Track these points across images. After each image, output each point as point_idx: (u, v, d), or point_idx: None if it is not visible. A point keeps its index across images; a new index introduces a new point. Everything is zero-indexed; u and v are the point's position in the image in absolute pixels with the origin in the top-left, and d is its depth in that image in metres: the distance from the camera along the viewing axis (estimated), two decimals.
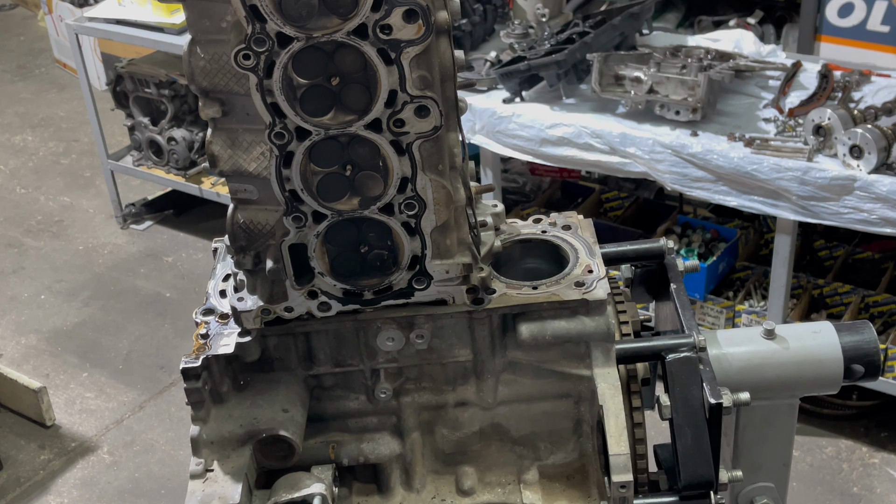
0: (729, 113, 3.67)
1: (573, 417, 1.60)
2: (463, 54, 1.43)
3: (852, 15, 4.41)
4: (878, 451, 3.71)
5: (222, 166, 1.39)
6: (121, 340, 4.63)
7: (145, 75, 5.01)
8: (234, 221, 1.43)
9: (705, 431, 1.48)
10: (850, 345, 1.67)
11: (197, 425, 1.51)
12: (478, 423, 1.62)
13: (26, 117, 6.93)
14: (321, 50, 1.30)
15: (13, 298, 5.00)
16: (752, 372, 1.67)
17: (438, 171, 1.40)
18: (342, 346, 1.56)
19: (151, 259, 5.27)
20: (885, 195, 3.18)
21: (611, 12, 4.13)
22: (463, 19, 4.22)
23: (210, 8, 1.30)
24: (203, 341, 1.52)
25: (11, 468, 3.90)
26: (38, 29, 8.24)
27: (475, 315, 1.52)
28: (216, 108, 1.36)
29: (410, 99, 1.33)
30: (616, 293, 1.70)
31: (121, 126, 5.47)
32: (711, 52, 3.88)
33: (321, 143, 1.36)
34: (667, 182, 3.58)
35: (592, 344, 1.53)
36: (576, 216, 1.73)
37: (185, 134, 5.11)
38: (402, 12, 1.27)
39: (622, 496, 1.43)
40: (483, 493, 1.62)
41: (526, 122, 3.75)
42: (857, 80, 3.81)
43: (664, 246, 1.77)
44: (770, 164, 3.33)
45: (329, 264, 1.45)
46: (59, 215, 5.74)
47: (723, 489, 1.52)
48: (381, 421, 1.62)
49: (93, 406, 4.24)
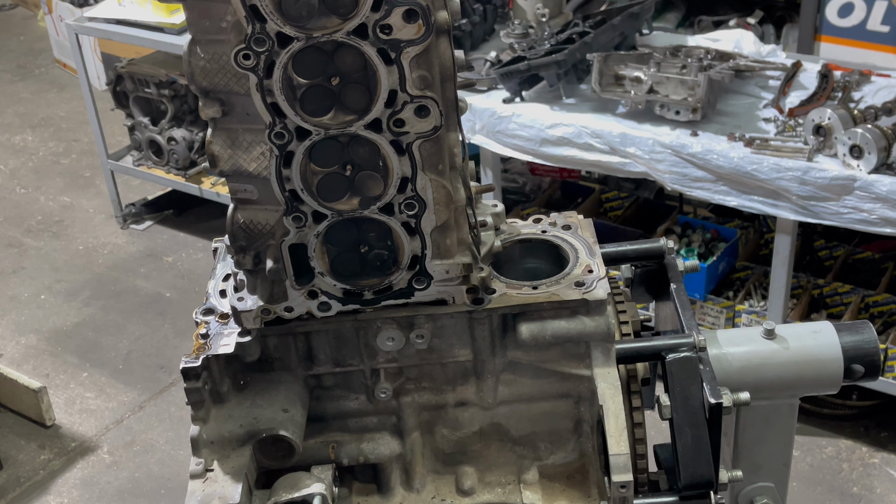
0: (729, 113, 3.67)
1: (573, 417, 1.60)
2: (463, 54, 1.43)
3: (852, 15, 4.41)
4: (878, 451, 3.71)
5: (222, 166, 1.39)
6: (121, 340, 4.63)
7: (145, 75, 5.01)
8: (234, 221, 1.43)
9: (705, 431, 1.48)
10: (850, 345, 1.67)
11: (197, 425, 1.51)
12: (478, 423, 1.62)
13: (26, 117, 6.93)
14: (321, 50, 1.30)
15: (13, 298, 5.00)
16: (752, 372, 1.67)
17: (438, 171, 1.40)
18: (342, 346, 1.56)
19: (151, 259, 5.27)
20: (885, 195, 3.18)
21: (611, 12, 4.13)
22: (463, 19, 4.22)
23: (210, 8, 1.30)
24: (203, 341, 1.52)
25: (11, 468, 3.90)
26: (38, 29, 8.24)
27: (475, 315, 1.52)
28: (216, 108, 1.36)
29: (410, 99, 1.33)
30: (616, 293, 1.70)
31: (121, 126, 5.47)
32: (711, 52, 3.88)
33: (321, 143, 1.36)
34: (667, 182, 3.58)
35: (592, 344, 1.53)
36: (576, 216, 1.73)
37: (185, 134, 5.10)
38: (402, 12, 1.27)
39: (622, 496, 1.43)
40: (483, 493, 1.62)
41: (526, 122, 3.75)
42: (857, 80, 3.81)
43: (664, 246, 1.77)
44: (770, 164, 3.33)
45: (329, 264, 1.45)
46: (59, 215, 5.74)
47: (723, 489, 1.52)
48: (381, 421, 1.62)
49: (93, 406, 4.24)
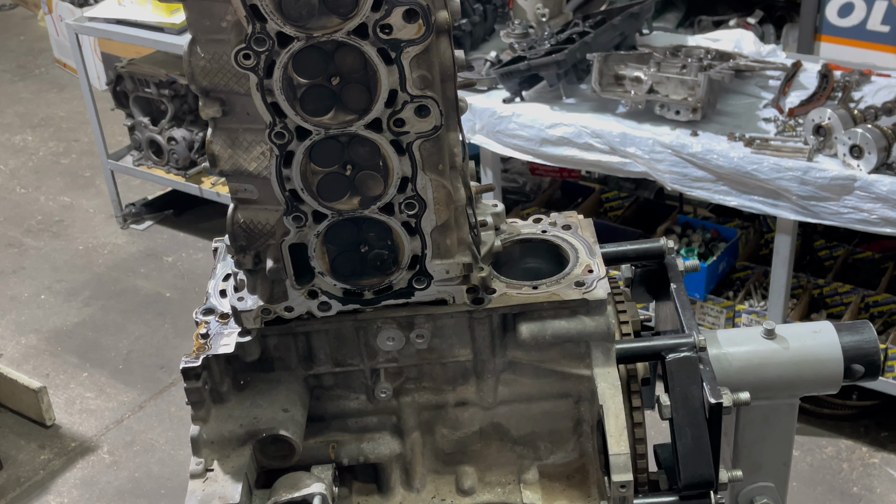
0: (729, 113, 3.67)
1: (573, 417, 1.60)
2: (463, 54, 1.43)
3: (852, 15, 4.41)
4: (878, 451, 3.71)
5: (222, 166, 1.39)
6: (121, 340, 4.63)
7: (145, 75, 5.01)
8: (234, 221, 1.43)
9: (705, 431, 1.48)
10: (850, 345, 1.67)
11: (197, 425, 1.51)
12: (478, 423, 1.62)
13: (26, 117, 6.93)
14: (321, 50, 1.30)
15: (13, 298, 5.00)
16: (752, 372, 1.67)
17: (438, 170, 1.40)
18: (342, 346, 1.56)
19: (151, 259, 5.27)
20: (885, 195, 3.18)
21: (611, 12, 4.13)
22: (463, 19, 4.22)
23: (210, 7, 1.30)
24: (203, 341, 1.52)
25: (11, 468, 3.90)
26: (38, 29, 8.24)
27: (475, 315, 1.52)
28: (216, 107, 1.36)
29: (410, 99, 1.33)
30: (616, 293, 1.70)
31: (121, 126, 5.47)
32: (711, 52, 3.88)
33: (321, 142, 1.36)
34: (667, 182, 3.58)
35: (592, 344, 1.53)
36: (576, 216, 1.73)
37: (185, 134, 5.10)
38: (403, 12, 1.27)
39: (622, 496, 1.43)
40: (483, 493, 1.62)
41: (526, 121, 3.75)
42: (857, 80, 3.81)
43: (664, 246, 1.77)
44: (770, 164, 3.33)
45: (329, 264, 1.45)
46: (59, 215, 5.74)
47: (723, 489, 1.52)
48: (381, 421, 1.62)
49: (93, 406, 4.24)
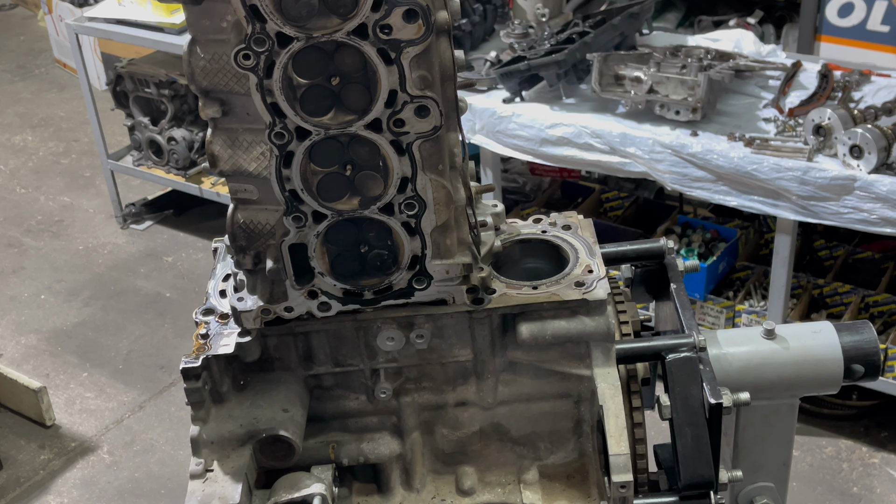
0: (729, 113, 3.67)
1: (573, 417, 1.60)
2: (463, 54, 1.43)
3: (852, 15, 4.41)
4: (878, 451, 3.71)
5: (222, 166, 1.39)
6: (121, 340, 4.63)
7: (145, 75, 5.01)
8: (234, 221, 1.43)
9: (705, 431, 1.48)
10: (850, 345, 1.67)
11: (197, 425, 1.51)
12: (478, 423, 1.62)
13: (26, 117, 6.92)
14: (321, 50, 1.30)
15: (13, 298, 5.00)
16: (752, 372, 1.67)
17: (438, 170, 1.40)
18: (342, 346, 1.56)
19: (151, 259, 5.27)
20: (885, 195, 3.18)
21: (611, 12, 4.13)
22: (463, 19, 4.22)
23: (210, 8, 1.30)
24: (203, 341, 1.52)
25: (11, 468, 3.90)
26: (38, 29, 8.24)
27: (475, 315, 1.52)
28: (216, 108, 1.36)
29: (410, 99, 1.33)
30: (616, 293, 1.70)
31: (121, 126, 5.47)
32: (711, 52, 3.88)
33: (321, 142, 1.36)
34: (667, 182, 3.58)
35: (592, 344, 1.53)
36: (576, 216, 1.73)
37: (185, 134, 5.10)
38: (402, 12, 1.27)
39: (622, 496, 1.43)
40: (483, 493, 1.62)
41: (526, 122, 3.75)
42: (857, 80, 3.81)
43: (664, 246, 1.77)
44: (770, 164, 3.33)
45: (329, 264, 1.45)
46: (59, 215, 5.74)
47: (723, 489, 1.52)
48: (381, 421, 1.62)
49: (93, 406, 4.24)
